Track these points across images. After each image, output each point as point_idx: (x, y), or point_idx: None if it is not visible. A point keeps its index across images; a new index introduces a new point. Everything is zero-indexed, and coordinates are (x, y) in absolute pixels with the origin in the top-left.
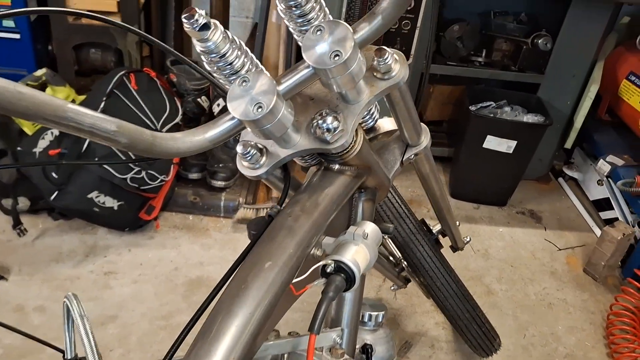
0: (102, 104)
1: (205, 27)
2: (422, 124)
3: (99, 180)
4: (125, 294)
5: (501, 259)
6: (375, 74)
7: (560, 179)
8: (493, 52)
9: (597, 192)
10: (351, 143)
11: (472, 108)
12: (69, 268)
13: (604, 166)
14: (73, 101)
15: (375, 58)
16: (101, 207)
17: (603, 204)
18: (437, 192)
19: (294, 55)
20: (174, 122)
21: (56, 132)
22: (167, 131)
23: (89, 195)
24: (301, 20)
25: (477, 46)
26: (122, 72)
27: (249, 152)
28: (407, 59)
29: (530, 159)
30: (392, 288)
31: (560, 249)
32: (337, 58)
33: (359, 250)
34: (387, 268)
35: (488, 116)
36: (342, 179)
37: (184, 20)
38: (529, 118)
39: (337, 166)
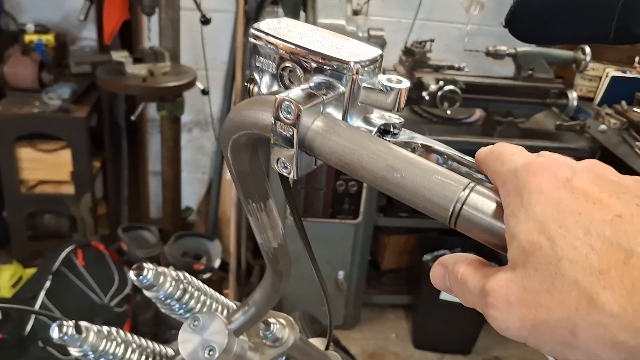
0: (48, 283)
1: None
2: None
3: None
4: None
5: None
6: (265, 341)
7: None
8: None
9: None
10: None
11: (427, 257)
12: None
13: None
14: (20, 279)
15: (262, 331)
16: None
17: None
18: None
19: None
20: (123, 295)
21: None
22: (117, 303)
23: None
24: (181, 312)
25: None
26: (70, 249)
27: None
28: (357, 217)
29: None
30: None
31: None
32: (211, 353)
33: None
34: None
35: None
36: None
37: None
38: None
39: None
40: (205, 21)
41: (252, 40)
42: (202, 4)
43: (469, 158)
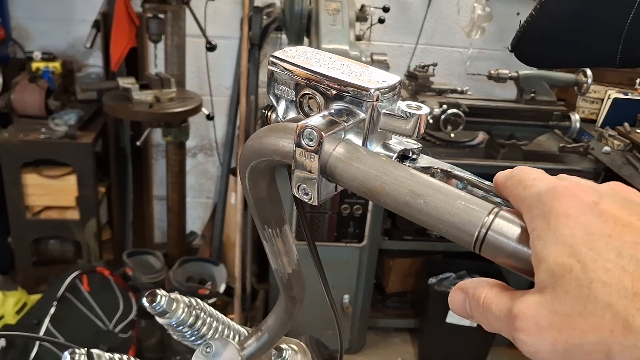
0: (52, 309)
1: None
2: None
3: None
4: None
5: None
6: None
7: None
8: None
9: None
10: None
11: (433, 280)
12: None
13: None
14: (25, 305)
15: (274, 357)
16: None
17: None
18: None
19: (250, 235)
20: (127, 320)
21: (2, 343)
22: (122, 329)
23: None
24: (193, 338)
25: None
26: (75, 275)
27: None
28: (362, 240)
29: None
30: None
31: None
32: None
33: None
34: None
35: (447, 291)
36: None
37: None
38: None
39: None
40: (211, 47)
41: (270, 67)
42: (206, 31)
43: (488, 183)
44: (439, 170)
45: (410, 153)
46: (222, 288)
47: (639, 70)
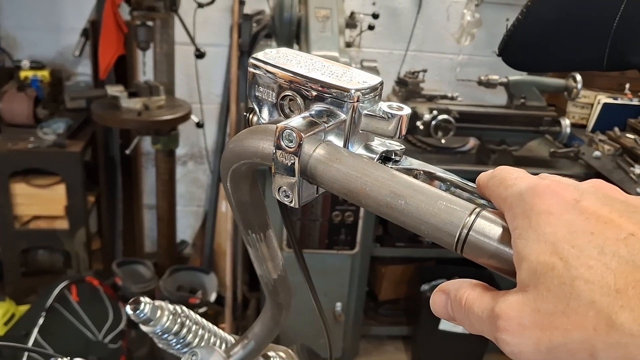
0: (41, 320)
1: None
2: None
3: None
4: None
5: None
6: None
7: None
8: None
9: None
10: None
11: (425, 287)
12: None
13: None
14: (13, 316)
15: None
16: None
17: None
18: None
19: (241, 244)
20: (117, 331)
21: None
22: (111, 340)
23: None
24: (179, 346)
25: None
26: (64, 285)
27: None
28: (354, 247)
29: None
30: None
31: None
32: None
33: None
34: None
35: None
36: None
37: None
38: None
39: None
40: (199, 55)
41: (251, 69)
42: (196, 39)
43: (471, 184)
44: (422, 172)
45: (393, 155)
46: (213, 297)
47: (628, 75)
